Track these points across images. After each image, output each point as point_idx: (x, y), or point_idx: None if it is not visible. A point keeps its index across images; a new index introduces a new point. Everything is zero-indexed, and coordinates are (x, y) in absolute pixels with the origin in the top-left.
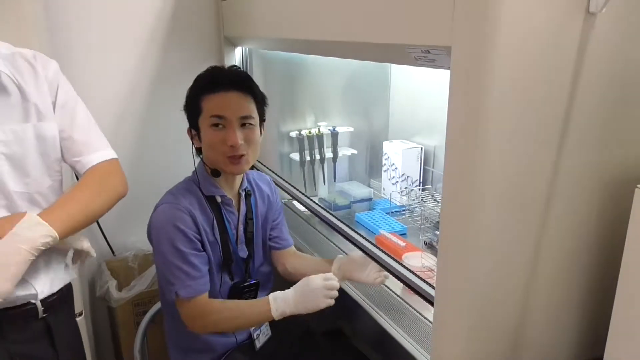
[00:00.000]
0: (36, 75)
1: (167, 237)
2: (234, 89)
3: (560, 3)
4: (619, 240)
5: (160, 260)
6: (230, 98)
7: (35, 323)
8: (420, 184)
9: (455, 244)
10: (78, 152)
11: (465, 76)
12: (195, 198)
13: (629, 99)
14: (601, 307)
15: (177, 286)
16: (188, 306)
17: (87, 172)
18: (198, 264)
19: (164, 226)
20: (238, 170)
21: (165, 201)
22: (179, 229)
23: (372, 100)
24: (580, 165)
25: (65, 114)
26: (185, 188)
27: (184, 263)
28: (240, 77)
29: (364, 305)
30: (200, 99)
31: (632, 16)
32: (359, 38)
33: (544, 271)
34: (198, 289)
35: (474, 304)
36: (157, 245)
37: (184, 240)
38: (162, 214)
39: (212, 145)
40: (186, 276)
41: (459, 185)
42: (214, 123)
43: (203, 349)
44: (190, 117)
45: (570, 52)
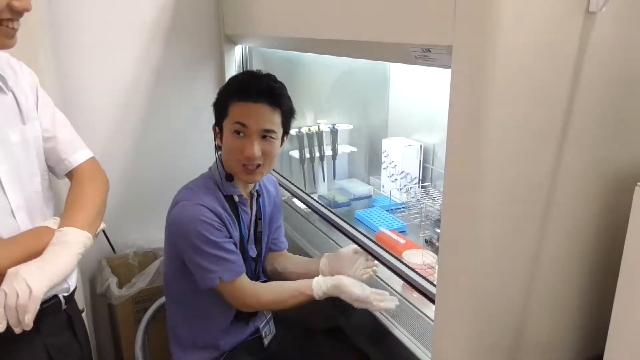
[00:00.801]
0: (17, 78)
1: (198, 232)
2: (264, 101)
3: (560, 2)
4: (620, 238)
5: (193, 253)
6: (257, 109)
7: (60, 315)
8: (419, 181)
9: (456, 241)
10: (63, 151)
11: (467, 75)
12: (214, 196)
13: (629, 97)
14: (602, 304)
15: (219, 272)
16: (234, 288)
17: (81, 172)
18: (232, 248)
19: (190, 221)
20: (251, 180)
21: (185, 198)
22: (205, 221)
23: (371, 97)
24: (581, 162)
25: (48, 114)
26: (203, 185)
27: (220, 250)
28: (271, 89)
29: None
30: (229, 102)
31: (632, 15)
32: (359, 37)
33: (544, 268)
34: (239, 271)
35: (475, 301)
36: (187, 240)
37: (213, 231)
38: (185, 210)
39: (230, 150)
40: (225, 261)
41: (460, 183)
42: (236, 130)
43: (205, 346)
44: (217, 116)
45: (570, 51)
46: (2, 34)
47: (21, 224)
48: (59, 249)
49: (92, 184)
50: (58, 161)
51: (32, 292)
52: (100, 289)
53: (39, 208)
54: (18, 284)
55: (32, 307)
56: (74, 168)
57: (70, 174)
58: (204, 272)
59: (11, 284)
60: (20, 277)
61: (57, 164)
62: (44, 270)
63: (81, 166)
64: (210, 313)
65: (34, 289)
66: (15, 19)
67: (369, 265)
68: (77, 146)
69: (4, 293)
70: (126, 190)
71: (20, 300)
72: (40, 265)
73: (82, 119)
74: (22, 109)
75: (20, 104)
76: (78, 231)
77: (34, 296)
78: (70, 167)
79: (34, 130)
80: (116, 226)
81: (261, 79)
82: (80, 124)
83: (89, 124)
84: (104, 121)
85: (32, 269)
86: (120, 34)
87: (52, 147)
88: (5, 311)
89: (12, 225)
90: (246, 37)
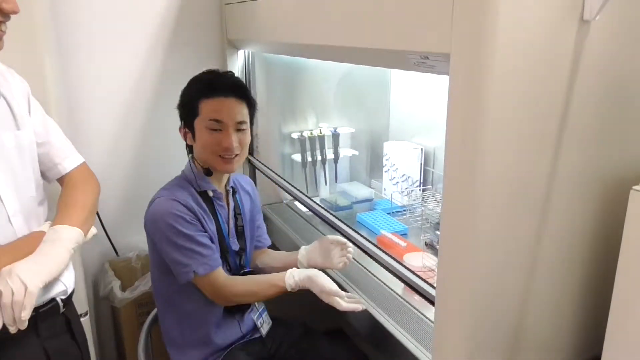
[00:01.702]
0: (8, 85)
1: (170, 225)
2: (232, 95)
3: (555, 11)
4: (616, 240)
5: (167, 247)
6: (228, 103)
7: (59, 318)
8: (420, 184)
9: (455, 244)
10: (56, 155)
11: (464, 82)
12: (187, 193)
13: (624, 102)
14: (600, 306)
15: (193, 266)
16: (208, 281)
17: (73, 177)
18: (206, 242)
19: (164, 215)
20: (230, 169)
21: (160, 195)
22: (178, 215)
23: (372, 101)
24: (577, 166)
25: (39, 120)
26: (177, 185)
27: (193, 243)
28: (238, 84)
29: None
30: (198, 101)
31: (625, 23)
32: (360, 44)
33: (542, 270)
34: (213, 264)
35: (475, 303)
36: (161, 234)
37: (186, 224)
38: (159, 206)
39: (207, 145)
40: (199, 255)
41: (459, 186)
42: (212, 127)
43: (199, 344)
44: (186, 117)
45: (565, 58)
46: None
47: (17, 229)
48: (50, 244)
49: (83, 188)
50: (51, 166)
51: (28, 289)
52: (104, 291)
53: (34, 212)
54: (13, 282)
55: (28, 304)
56: (68, 172)
57: (61, 179)
58: (179, 266)
59: (5, 282)
60: (14, 274)
61: (50, 169)
62: (37, 267)
63: (73, 171)
64: (198, 309)
65: (29, 286)
66: (4, 21)
67: (343, 254)
68: (68, 151)
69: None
70: (128, 194)
71: (16, 297)
72: (33, 262)
73: (86, 123)
74: (16, 115)
75: (14, 110)
76: (69, 228)
77: (29, 292)
78: (62, 172)
79: (28, 136)
80: (119, 229)
81: (225, 75)
82: (84, 128)
83: (93, 128)
84: (108, 125)
85: (25, 266)
86: (126, 38)
87: (45, 152)
88: (0, 310)
89: (9, 230)
90: (249, 42)
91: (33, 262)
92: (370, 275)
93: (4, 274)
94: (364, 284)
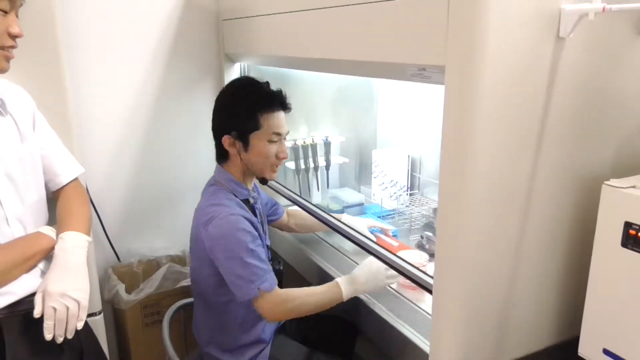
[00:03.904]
0: (15, 101)
1: (239, 242)
2: (283, 109)
3: (535, 30)
4: (592, 231)
5: (232, 262)
6: (281, 117)
7: None
8: (408, 189)
9: (450, 237)
10: (58, 168)
11: (458, 91)
12: (236, 204)
13: (597, 109)
14: (577, 291)
15: (258, 282)
16: (270, 297)
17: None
18: (265, 258)
19: (232, 233)
20: (276, 176)
21: (218, 213)
22: (245, 231)
23: (361, 111)
24: (556, 166)
25: (44, 134)
26: (225, 198)
27: (259, 260)
28: (284, 97)
29: (364, 299)
30: (259, 115)
31: (597, 39)
32: (361, 57)
33: (526, 259)
34: (274, 280)
35: (467, 289)
36: (228, 252)
37: (253, 241)
38: (224, 224)
39: (267, 156)
40: (263, 271)
41: (454, 186)
42: (274, 139)
43: (252, 344)
44: (240, 129)
45: (544, 70)
46: (4, 58)
47: (15, 231)
48: (75, 255)
49: (82, 200)
50: (52, 177)
51: (80, 304)
52: (108, 295)
53: (32, 218)
54: (66, 300)
55: (83, 315)
56: (66, 184)
57: (58, 192)
58: (242, 281)
59: (58, 301)
60: (62, 293)
61: (50, 180)
62: (77, 280)
63: (69, 184)
64: (250, 312)
65: (81, 301)
66: (14, 45)
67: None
68: (70, 163)
69: (54, 309)
70: (130, 201)
71: (71, 311)
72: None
73: (89, 134)
74: (20, 130)
75: (19, 126)
76: (81, 235)
77: (83, 307)
78: (62, 183)
79: (31, 149)
80: (121, 235)
81: (272, 89)
82: (86, 138)
83: (95, 138)
84: (109, 136)
85: (66, 282)
86: (126, 51)
87: (47, 164)
88: (55, 324)
89: (6, 232)
90: (245, 55)
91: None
92: None
93: (55, 295)
94: None
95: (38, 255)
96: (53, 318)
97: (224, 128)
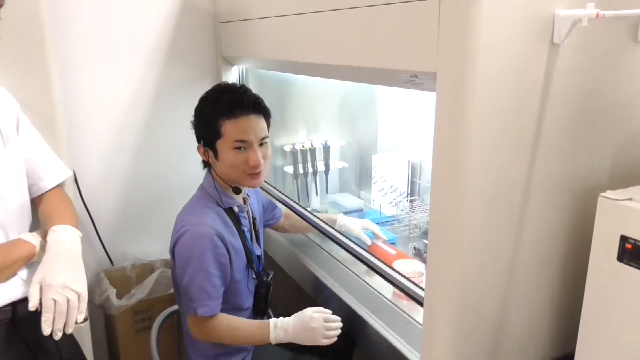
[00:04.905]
0: None
1: (198, 258)
2: (253, 112)
3: (528, 36)
4: (587, 243)
5: (185, 278)
6: (250, 122)
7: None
8: (408, 195)
9: (442, 248)
10: (43, 172)
11: (449, 98)
12: (215, 213)
13: (591, 116)
14: (573, 306)
15: (197, 304)
16: (201, 323)
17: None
18: (219, 285)
19: (195, 247)
20: (257, 183)
21: (190, 223)
22: (209, 250)
23: (361, 115)
24: (551, 175)
25: (28, 137)
26: (203, 206)
27: (209, 284)
28: (256, 101)
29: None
30: (219, 123)
31: (591, 45)
32: (353, 63)
33: (521, 272)
34: (214, 310)
35: (460, 303)
36: (185, 265)
37: (213, 262)
38: (193, 236)
39: (234, 165)
40: (208, 296)
41: (445, 195)
42: (238, 147)
43: (234, 351)
44: (205, 138)
45: (538, 77)
46: None
47: None
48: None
49: (65, 201)
50: (37, 180)
51: (81, 295)
52: (99, 299)
53: (15, 223)
54: (66, 291)
55: (84, 308)
56: (51, 188)
57: (40, 197)
58: (185, 297)
59: (58, 292)
60: (63, 285)
61: (34, 184)
62: (76, 271)
63: (53, 189)
64: None
65: (81, 292)
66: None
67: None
68: (55, 166)
69: (54, 301)
70: (124, 204)
71: (72, 303)
72: (70, 268)
73: (83, 135)
74: (3, 133)
75: (1, 129)
76: (73, 228)
77: (83, 298)
78: (46, 188)
79: (14, 152)
80: (114, 239)
81: (242, 93)
82: (81, 139)
83: (90, 140)
84: (104, 137)
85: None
86: (123, 54)
87: (34, 167)
88: (55, 317)
89: None
90: (242, 58)
91: (70, 268)
92: (360, 280)
93: (55, 287)
94: (354, 288)
95: (18, 263)
96: (52, 311)
97: (197, 137)
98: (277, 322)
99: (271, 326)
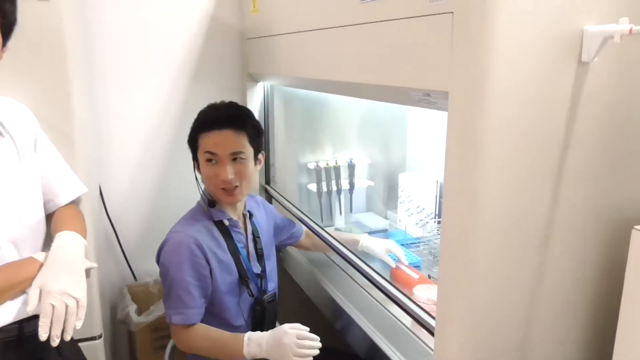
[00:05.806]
0: (15, 121)
1: (175, 266)
2: (228, 127)
3: (552, 53)
4: (620, 280)
5: (165, 287)
6: (222, 136)
7: None
8: (435, 216)
9: (454, 278)
10: (58, 188)
11: (460, 118)
12: (201, 225)
13: (624, 141)
14: (602, 347)
15: (172, 312)
16: (179, 331)
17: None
18: (196, 295)
19: (173, 256)
20: (232, 200)
21: (175, 230)
22: (186, 258)
23: (389, 134)
24: (577, 205)
25: (45, 153)
26: (192, 217)
27: (184, 292)
28: (233, 116)
29: (372, 336)
30: (198, 135)
31: (624, 64)
32: (368, 80)
33: (543, 310)
34: (190, 319)
35: (474, 333)
36: (165, 273)
37: (189, 271)
38: (171, 245)
39: (207, 177)
40: (183, 304)
41: (458, 228)
42: (208, 159)
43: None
44: (192, 150)
45: (564, 98)
46: None
47: (7, 255)
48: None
49: (76, 214)
50: (53, 197)
51: (80, 302)
52: (121, 315)
53: (30, 240)
54: (64, 297)
55: (82, 315)
56: (66, 203)
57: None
58: (166, 305)
59: (56, 298)
60: (62, 291)
61: (52, 199)
62: (76, 278)
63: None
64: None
65: (80, 299)
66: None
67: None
68: (70, 183)
69: (52, 307)
70: (149, 220)
71: (71, 309)
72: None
73: (111, 151)
74: (20, 150)
75: (18, 146)
76: (78, 235)
77: (82, 305)
78: (61, 204)
79: (30, 169)
80: (138, 255)
81: (222, 109)
82: (108, 155)
83: (117, 155)
84: (131, 152)
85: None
86: (153, 70)
87: (50, 184)
88: (52, 323)
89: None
90: (267, 75)
91: (69, 274)
92: (379, 306)
93: (54, 292)
94: (372, 314)
95: (26, 283)
96: (50, 316)
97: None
98: (251, 335)
99: (245, 339)
